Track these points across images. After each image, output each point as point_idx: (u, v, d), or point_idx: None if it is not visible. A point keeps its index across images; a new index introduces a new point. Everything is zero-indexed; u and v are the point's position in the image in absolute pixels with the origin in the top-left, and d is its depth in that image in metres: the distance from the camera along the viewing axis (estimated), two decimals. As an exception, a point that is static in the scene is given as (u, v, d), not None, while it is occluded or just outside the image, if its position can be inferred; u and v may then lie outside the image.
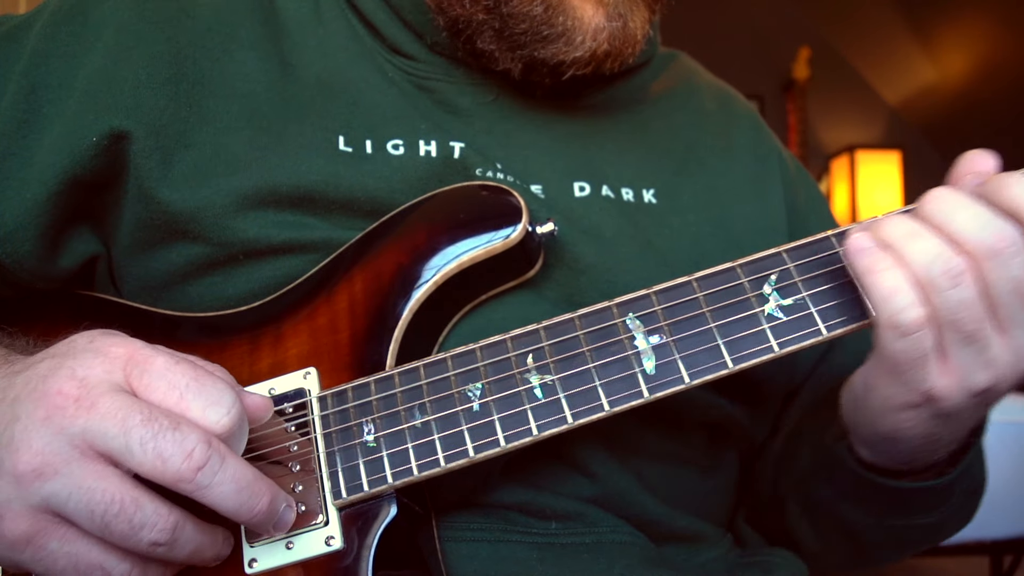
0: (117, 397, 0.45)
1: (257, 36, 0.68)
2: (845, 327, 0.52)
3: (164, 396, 0.46)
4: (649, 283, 0.65)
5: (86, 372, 0.46)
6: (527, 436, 0.52)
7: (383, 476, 0.53)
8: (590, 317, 0.55)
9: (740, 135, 0.83)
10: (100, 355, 0.47)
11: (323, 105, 0.67)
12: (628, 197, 0.72)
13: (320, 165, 0.63)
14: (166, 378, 0.47)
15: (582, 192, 0.70)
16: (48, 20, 0.66)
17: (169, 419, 0.45)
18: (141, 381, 0.47)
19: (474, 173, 0.67)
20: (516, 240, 0.60)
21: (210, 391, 0.47)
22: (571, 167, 0.71)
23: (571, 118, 0.75)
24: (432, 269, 0.60)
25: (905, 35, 4.14)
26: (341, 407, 0.55)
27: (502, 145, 0.70)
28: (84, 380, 0.45)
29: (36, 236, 0.61)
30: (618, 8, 0.66)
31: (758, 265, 0.54)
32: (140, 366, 0.47)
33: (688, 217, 0.73)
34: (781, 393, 0.77)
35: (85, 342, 0.49)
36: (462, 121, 0.70)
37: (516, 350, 0.54)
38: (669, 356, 0.52)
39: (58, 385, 0.45)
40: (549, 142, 0.72)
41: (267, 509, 0.48)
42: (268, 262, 0.62)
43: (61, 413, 0.45)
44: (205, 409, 0.46)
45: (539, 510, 0.61)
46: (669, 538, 0.66)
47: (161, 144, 0.62)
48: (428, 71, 0.71)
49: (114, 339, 0.49)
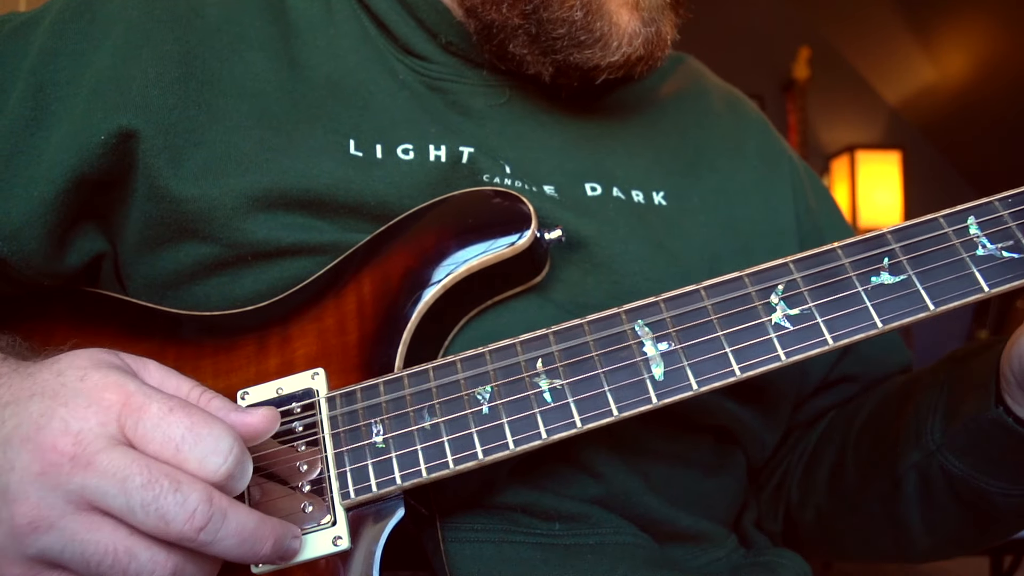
0: (114, 454, 0.45)
1: (267, 36, 0.68)
2: (851, 337, 0.52)
3: (160, 448, 0.46)
4: (658, 284, 0.66)
5: (80, 425, 0.45)
6: (536, 440, 0.53)
7: (392, 478, 0.53)
8: (599, 323, 0.56)
9: (749, 138, 0.84)
10: (93, 404, 0.46)
11: (333, 107, 0.67)
12: (638, 199, 0.73)
13: (331, 169, 0.64)
14: (161, 429, 0.46)
15: (593, 192, 0.71)
16: (56, 17, 0.66)
17: (169, 479, 0.44)
18: (136, 432, 0.46)
19: (482, 178, 0.67)
20: (524, 246, 0.61)
21: (206, 440, 0.46)
22: (582, 168, 0.72)
23: (582, 120, 0.75)
24: (441, 273, 0.60)
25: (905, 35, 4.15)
26: (350, 408, 0.56)
27: (513, 147, 0.71)
28: (79, 435, 0.45)
29: (43, 234, 0.61)
30: (651, 13, 0.67)
31: (765, 275, 0.55)
32: (134, 416, 0.46)
33: (698, 218, 0.74)
34: (791, 395, 0.78)
35: (75, 380, 0.47)
36: (473, 122, 0.71)
37: (525, 354, 0.55)
38: (678, 363, 0.53)
39: (52, 440, 0.45)
40: (560, 144, 0.73)
41: (271, 552, 0.48)
42: (276, 264, 0.63)
43: (57, 470, 0.44)
44: (203, 461, 0.46)
45: (543, 511, 0.62)
46: (673, 539, 0.67)
47: (171, 143, 0.62)
48: (440, 72, 0.71)
49: (106, 379, 0.47)
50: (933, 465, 0.65)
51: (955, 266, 0.53)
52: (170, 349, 0.62)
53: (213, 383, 0.59)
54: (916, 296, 0.52)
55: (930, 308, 0.52)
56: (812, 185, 0.88)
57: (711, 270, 0.71)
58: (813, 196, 0.86)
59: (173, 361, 0.61)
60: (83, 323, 0.66)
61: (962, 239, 0.53)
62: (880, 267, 0.53)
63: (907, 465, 0.67)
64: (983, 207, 0.54)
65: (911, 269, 0.53)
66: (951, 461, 0.64)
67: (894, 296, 0.53)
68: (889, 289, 0.53)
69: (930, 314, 0.52)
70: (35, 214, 0.61)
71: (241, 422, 0.50)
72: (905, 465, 0.67)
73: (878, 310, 0.53)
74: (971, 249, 0.53)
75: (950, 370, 0.67)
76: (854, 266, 0.54)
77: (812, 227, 0.82)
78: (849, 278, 0.53)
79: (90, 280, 0.69)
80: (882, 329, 0.52)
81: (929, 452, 0.65)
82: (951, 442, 0.64)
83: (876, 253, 0.54)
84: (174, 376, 0.52)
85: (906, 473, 0.67)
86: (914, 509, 0.69)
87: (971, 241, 0.53)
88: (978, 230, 0.53)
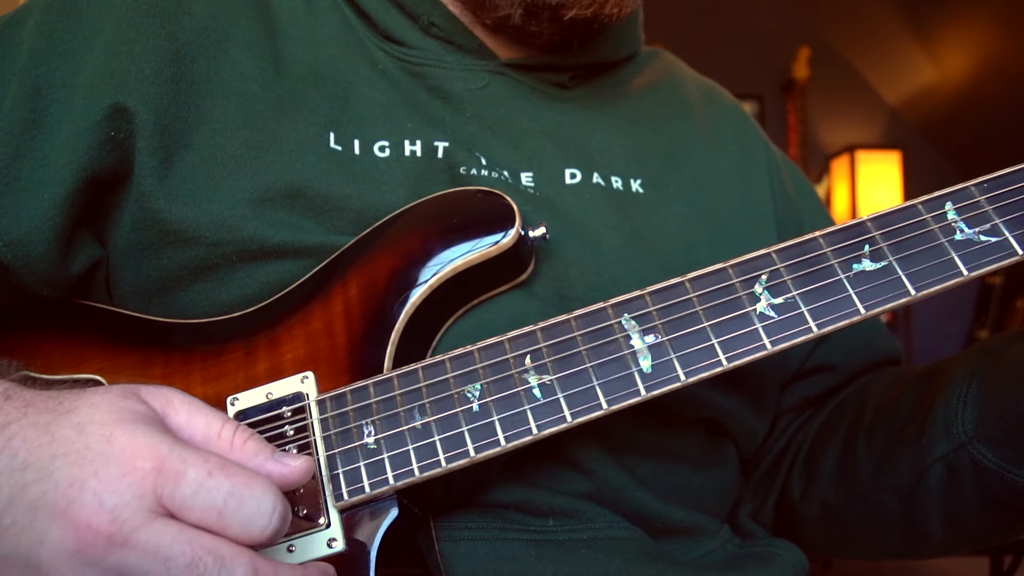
0: (152, 530, 0.43)
1: (252, 33, 0.71)
2: (835, 324, 0.55)
3: (202, 516, 0.44)
4: (637, 274, 0.69)
5: (115, 501, 0.43)
6: (527, 436, 0.55)
7: (385, 478, 0.55)
8: (586, 318, 0.58)
9: (725, 127, 0.87)
10: (127, 474, 0.44)
11: (314, 98, 0.70)
12: (617, 185, 0.76)
13: (312, 162, 0.67)
14: (201, 496, 0.44)
15: (573, 180, 0.74)
16: (41, 18, 0.68)
17: (213, 556, 0.43)
18: (175, 502, 0.44)
19: (459, 171, 0.70)
20: (509, 244, 0.63)
21: (249, 504, 0.45)
22: (563, 154, 0.75)
23: (561, 107, 0.79)
24: (427, 273, 0.63)
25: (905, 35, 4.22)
26: (340, 410, 0.58)
27: (493, 131, 0.74)
28: (114, 511, 0.43)
29: (52, 238, 0.63)
30: None
31: (749, 266, 0.57)
32: (171, 483, 0.44)
33: (675, 207, 0.77)
34: (776, 381, 0.80)
35: (101, 441, 0.45)
36: (452, 108, 0.74)
37: (514, 351, 0.57)
38: (665, 355, 0.55)
39: (87, 517, 0.43)
40: (541, 128, 0.76)
41: None
42: (261, 267, 0.65)
43: (93, 550, 0.43)
44: (246, 525, 0.45)
45: (535, 508, 0.64)
46: (666, 532, 0.68)
47: (164, 143, 0.65)
48: (420, 57, 0.75)
49: (135, 440, 0.45)
50: (963, 458, 0.66)
51: (935, 251, 0.55)
52: (158, 358, 0.64)
53: (203, 390, 0.61)
54: (897, 282, 0.55)
55: (911, 293, 0.54)
56: (792, 175, 0.90)
57: (687, 258, 0.74)
58: (792, 185, 0.89)
59: (162, 370, 0.63)
60: (70, 335, 0.67)
61: (940, 224, 0.56)
62: (861, 254, 0.56)
63: (933, 458, 0.68)
64: (960, 192, 0.57)
65: (892, 255, 0.55)
66: (983, 453, 0.64)
67: (876, 283, 0.55)
68: (871, 276, 0.55)
69: (912, 299, 0.54)
70: (44, 217, 0.62)
71: (279, 474, 0.49)
72: (931, 458, 0.68)
73: (861, 296, 0.55)
74: (949, 234, 0.55)
75: (979, 363, 0.67)
76: (836, 254, 0.56)
77: (790, 214, 0.85)
78: (831, 266, 0.56)
79: (83, 291, 0.71)
80: (865, 315, 0.55)
81: (960, 444, 0.66)
82: (984, 434, 0.64)
83: (857, 241, 0.57)
84: (202, 411, 0.51)
85: (931, 466, 0.68)
86: (935, 504, 0.69)
87: (949, 226, 0.56)
88: (956, 215, 0.56)
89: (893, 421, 0.74)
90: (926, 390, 0.72)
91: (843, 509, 0.77)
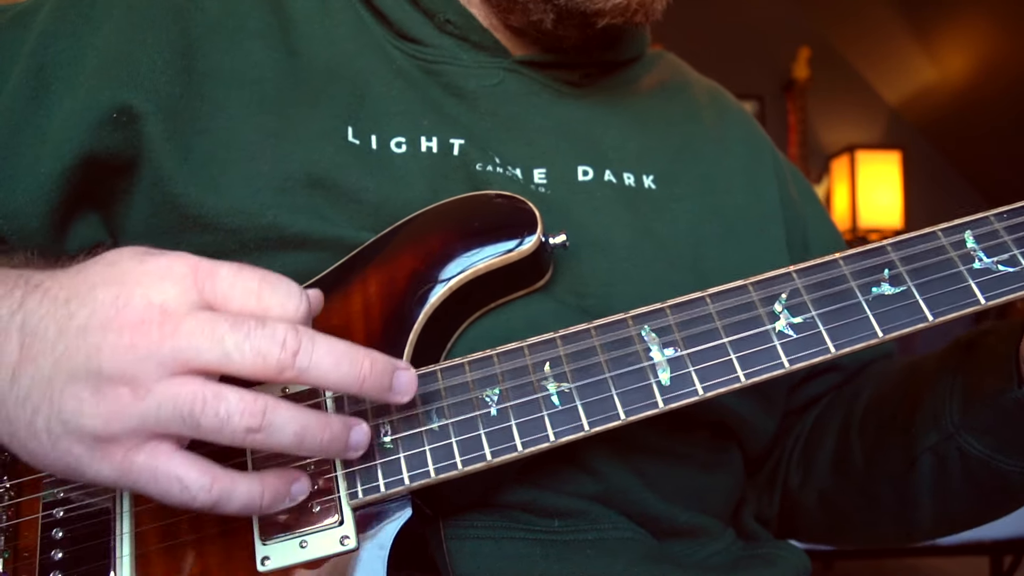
0: (199, 315, 0.48)
1: (265, 25, 0.73)
2: (852, 345, 0.57)
3: (243, 302, 0.49)
4: (647, 269, 0.72)
5: (163, 297, 0.48)
6: (544, 443, 0.56)
7: (400, 478, 0.56)
8: (605, 327, 0.59)
9: (732, 127, 0.90)
10: (165, 276, 0.49)
11: (331, 94, 0.71)
12: (630, 182, 0.78)
13: (330, 153, 0.68)
14: (238, 285, 0.49)
15: (585, 176, 0.76)
16: (56, 3, 0.70)
17: (254, 319, 0.48)
18: (216, 294, 0.49)
19: (474, 168, 0.71)
20: (529, 251, 0.64)
21: (279, 286, 0.50)
22: (576, 150, 0.77)
23: (573, 104, 0.80)
24: (447, 276, 0.64)
25: (905, 35, 4.25)
26: (357, 408, 0.59)
27: (507, 127, 0.75)
28: (164, 305, 0.47)
29: (47, 212, 0.64)
30: None
31: (769, 284, 0.59)
32: (210, 279, 0.49)
33: (685, 204, 0.79)
34: (785, 382, 0.84)
35: (135, 264, 0.49)
36: (466, 105, 0.75)
37: (533, 357, 0.59)
38: (684, 368, 0.57)
39: (138, 315, 0.47)
40: (554, 125, 0.78)
41: (371, 371, 0.51)
42: (278, 256, 0.66)
43: (147, 340, 0.46)
44: (283, 304, 0.50)
45: (542, 508, 0.65)
46: (671, 534, 0.71)
47: (178, 129, 0.66)
48: (435, 55, 0.76)
49: (165, 256, 0.50)
50: (951, 447, 0.70)
51: (953, 279, 0.57)
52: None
53: (219, 382, 0.62)
54: (915, 307, 0.57)
55: (929, 319, 0.56)
56: (795, 179, 0.93)
57: (696, 254, 0.76)
58: (796, 189, 0.92)
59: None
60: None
61: (959, 252, 0.58)
62: (881, 278, 0.58)
63: (923, 447, 0.72)
64: (979, 221, 0.59)
65: (911, 280, 0.57)
66: (970, 442, 0.69)
67: (894, 306, 0.57)
68: (889, 300, 0.57)
69: (928, 324, 0.56)
70: (40, 190, 0.64)
71: None
72: (921, 447, 0.72)
73: (879, 320, 0.57)
74: (968, 262, 0.57)
75: (960, 356, 0.72)
76: (855, 276, 0.58)
77: (795, 217, 0.88)
78: (851, 288, 0.58)
79: None
80: (882, 339, 0.56)
81: (948, 434, 0.70)
82: (970, 423, 0.69)
83: (877, 264, 0.58)
84: None
85: (921, 455, 0.73)
86: (925, 489, 0.74)
87: (968, 255, 0.57)
88: (975, 244, 0.58)
89: (882, 413, 0.78)
90: (914, 383, 0.76)
91: (839, 498, 0.82)
